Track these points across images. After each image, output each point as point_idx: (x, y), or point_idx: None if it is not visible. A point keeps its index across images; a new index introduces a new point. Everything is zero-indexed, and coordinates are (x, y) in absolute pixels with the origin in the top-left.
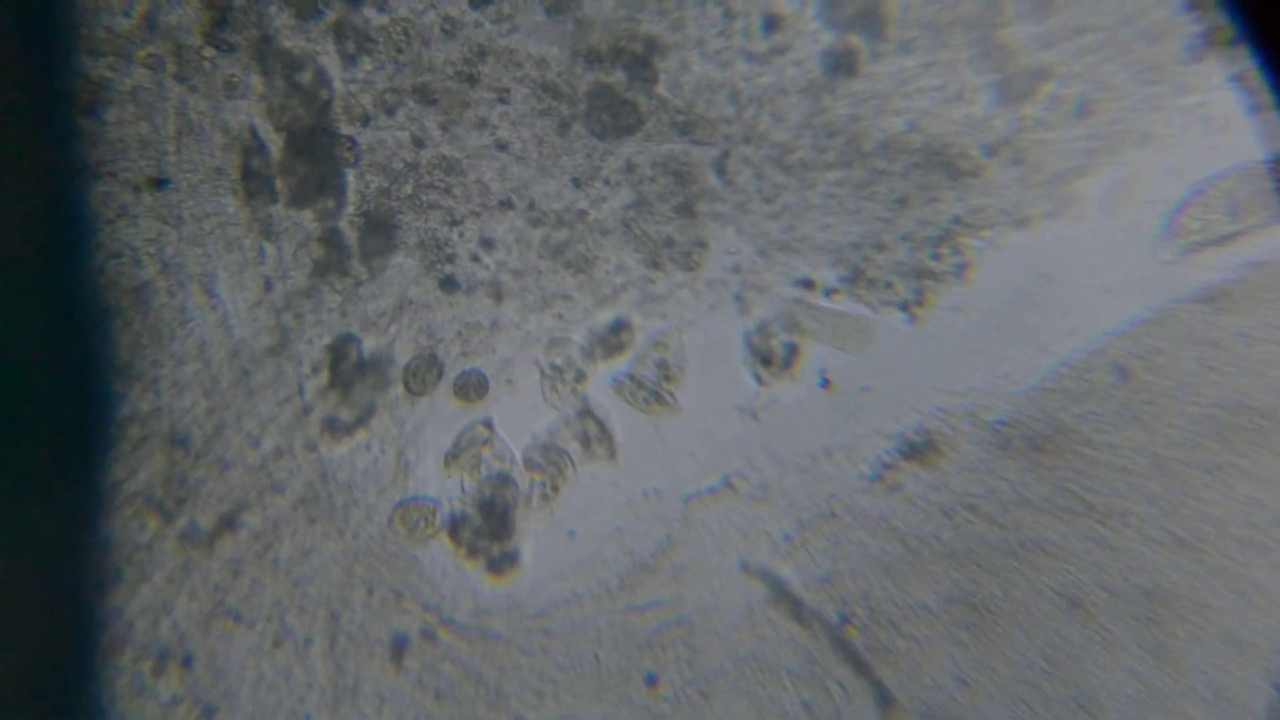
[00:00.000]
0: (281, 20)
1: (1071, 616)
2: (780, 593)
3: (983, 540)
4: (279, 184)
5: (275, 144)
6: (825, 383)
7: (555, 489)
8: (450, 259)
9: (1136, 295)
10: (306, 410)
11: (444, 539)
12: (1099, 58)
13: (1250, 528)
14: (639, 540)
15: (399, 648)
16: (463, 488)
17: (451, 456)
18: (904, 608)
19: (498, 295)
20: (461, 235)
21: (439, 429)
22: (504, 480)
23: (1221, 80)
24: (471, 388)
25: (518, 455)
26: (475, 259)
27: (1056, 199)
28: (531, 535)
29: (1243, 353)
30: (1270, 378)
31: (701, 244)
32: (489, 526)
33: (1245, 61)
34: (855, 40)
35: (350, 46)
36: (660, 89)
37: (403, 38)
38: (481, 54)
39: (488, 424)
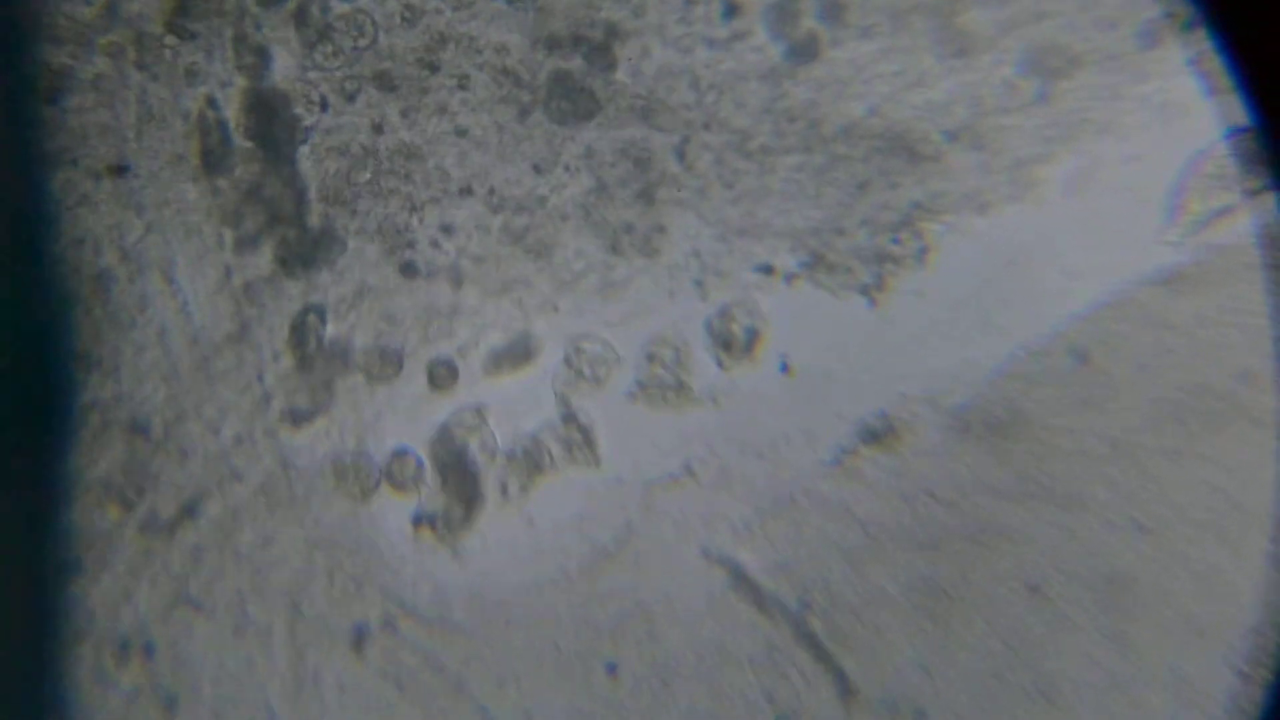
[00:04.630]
0: (243, 7)
1: (1031, 602)
2: (741, 580)
3: (943, 526)
4: (239, 171)
5: (236, 131)
6: (785, 367)
7: (531, 483)
8: (410, 245)
9: (1095, 279)
10: (267, 398)
11: (408, 528)
12: (1056, 42)
13: (1210, 512)
14: (599, 528)
15: (360, 636)
16: (418, 463)
17: (437, 443)
18: (864, 594)
19: (458, 281)
20: (421, 221)
21: (399, 416)
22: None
23: (1179, 66)
24: (442, 375)
25: (500, 447)
26: (435, 245)
27: (1017, 184)
28: (495, 524)
29: (1201, 336)
30: (1228, 361)
31: (661, 229)
32: (454, 485)
33: (1202, 44)
34: (815, 26)
35: (310, 33)
36: (620, 75)
37: (363, 24)
38: (442, 41)
39: (479, 411)
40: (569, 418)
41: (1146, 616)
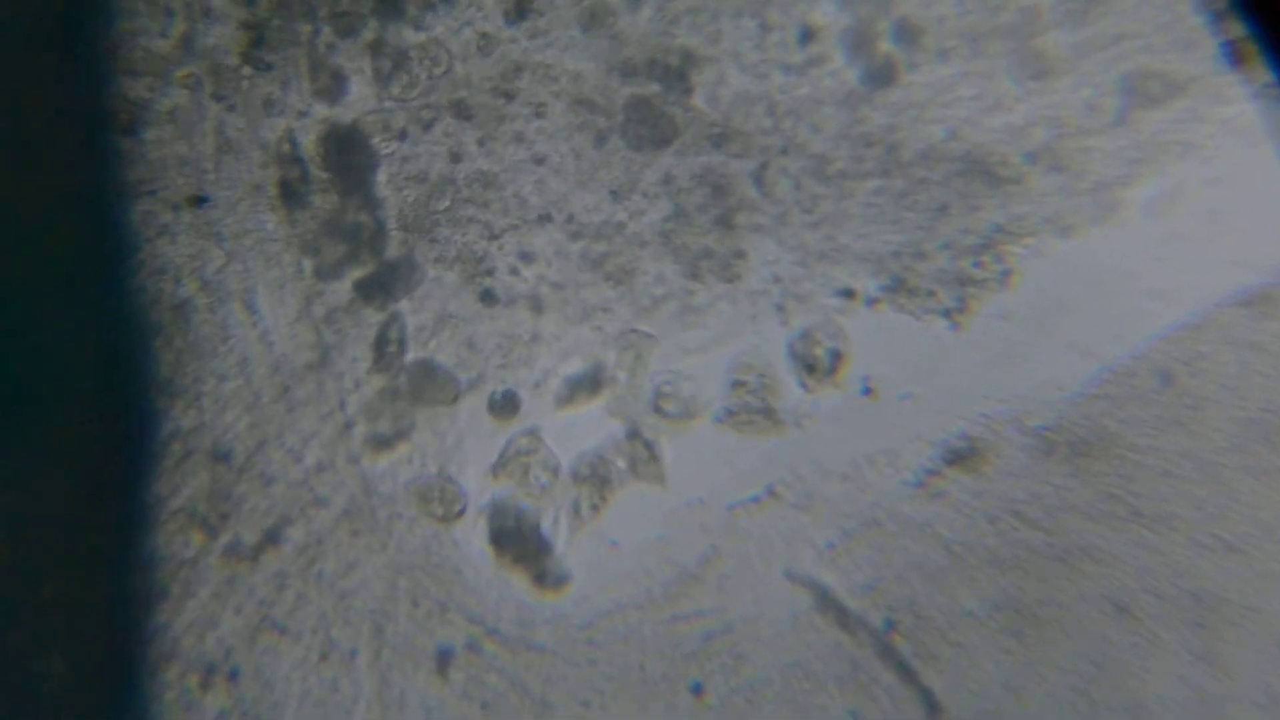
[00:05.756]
0: (320, 39)
1: (1119, 622)
2: (825, 600)
3: (1028, 546)
4: (317, 200)
5: (314, 160)
6: (868, 390)
7: (604, 499)
8: (489, 272)
9: (1179, 300)
10: (349, 425)
11: (487, 549)
12: (1137, 65)
13: None
14: (683, 550)
15: (444, 659)
16: (497, 497)
17: (498, 467)
18: (950, 614)
19: (538, 308)
20: (500, 249)
21: (480, 441)
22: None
23: (1259, 89)
24: (504, 404)
25: (564, 466)
26: (514, 272)
27: (1099, 206)
28: (575, 547)
29: None
30: None
31: (741, 255)
32: (523, 549)
33: (1267, 74)
34: (891, 50)
35: (386, 64)
36: (697, 101)
37: (438, 54)
38: (517, 69)
39: (534, 433)
40: (633, 434)
41: (1236, 635)
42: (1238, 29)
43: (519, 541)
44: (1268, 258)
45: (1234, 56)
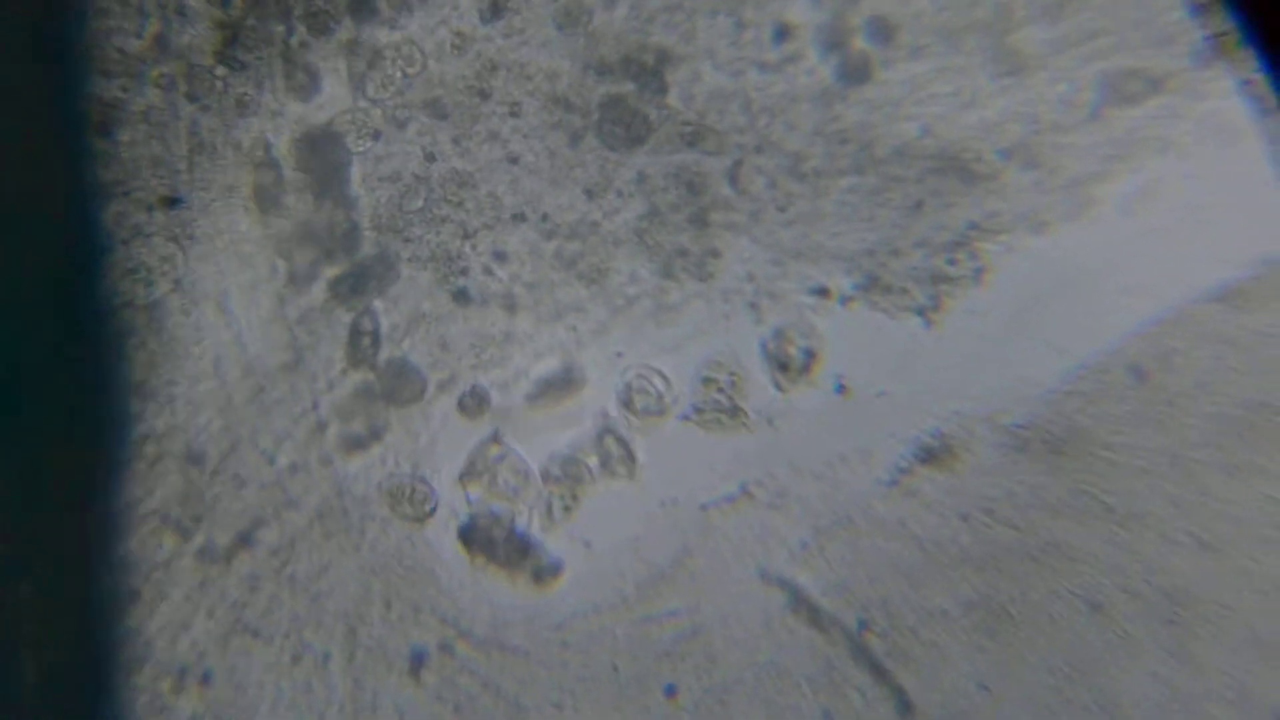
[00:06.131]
0: (294, 39)
1: (1092, 620)
2: (798, 600)
3: (1001, 544)
4: (291, 201)
5: (287, 161)
6: (841, 388)
7: (575, 498)
8: (463, 272)
9: (1154, 296)
10: (322, 426)
11: (459, 548)
12: (1111, 62)
13: (1272, 527)
14: (655, 550)
15: (417, 661)
16: (469, 499)
17: (467, 472)
18: (923, 613)
19: (511, 308)
20: (474, 248)
21: (453, 442)
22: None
23: (1235, 85)
24: (476, 404)
25: (536, 467)
26: (488, 272)
27: (1074, 203)
28: (551, 547)
29: (1260, 351)
30: None
31: (715, 253)
32: (507, 553)
33: (1251, 65)
34: (866, 47)
35: (361, 63)
36: (672, 100)
37: (412, 53)
38: (492, 68)
39: (505, 434)
40: (606, 431)
41: (1208, 632)
42: (1219, 22)
43: (490, 544)
44: (1243, 253)
45: (1215, 49)
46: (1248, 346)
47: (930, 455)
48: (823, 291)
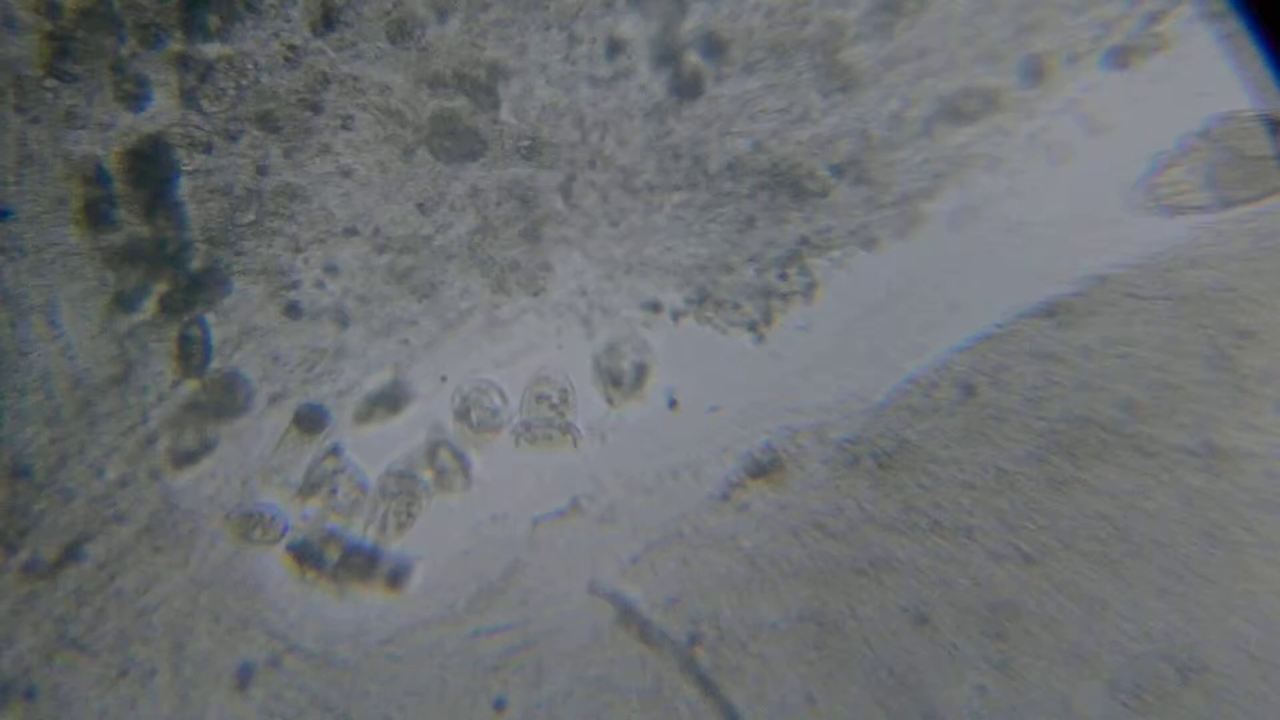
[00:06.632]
0: (124, 51)
1: (918, 632)
2: (628, 614)
3: (830, 558)
4: (121, 214)
5: (117, 174)
6: (673, 403)
7: (410, 513)
8: (295, 286)
9: (981, 312)
10: (151, 439)
11: (288, 563)
12: (941, 80)
13: (1094, 541)
14: (487, 563)
15: (245, 676)
16: (304, 514)
17: (305, 486)
18: (752, 627)
19: (343, 321)
20: (306, 262)
21: (284, 455)
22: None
23: (1062, 103)
24: (311, 419)
25: (370, 481)
26: (320, 285)
27: (903, 219)
28: (383, 561)
29: (1084, 366)
30: (1112, 391)
31: (547, 267)
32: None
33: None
34: (699, 62)
35: (192, 77)
36: (504, 114)
37: (245, 66)
38: (325, 81)
39: (337, 451)
40: (440, 445)
41: (1032, 645)
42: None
43: (320, 559)
44: (1068, 269)
45: (1044, 66)
46: (1073, 362)
47: (761, 470)
48: (655, 306)
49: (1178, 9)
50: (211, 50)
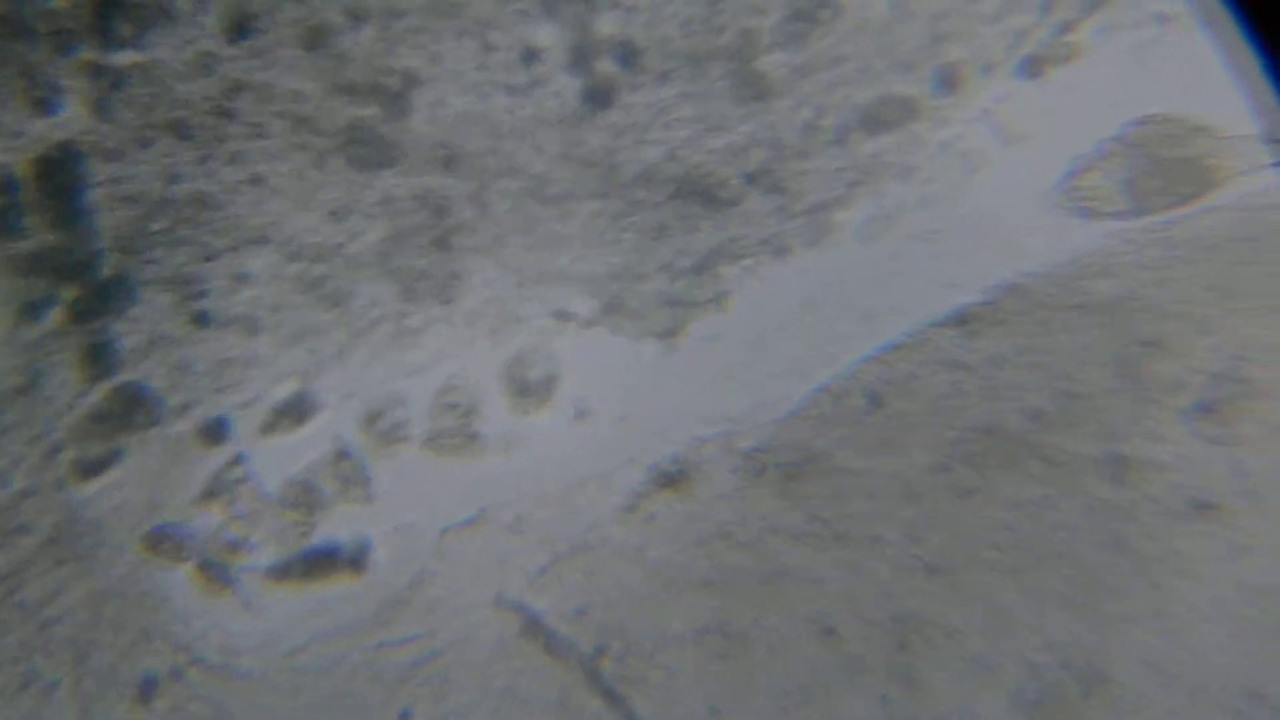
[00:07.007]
0: (35, 57)
1: (823, 644)
2: (534, 625)
3: (736, 569)
4: (26, 222)
5: (24, 182)
6: (581, 413)
7: (312, 523)
8: (204, 294)
9: (892, 321)
10: (56, 450)
11: (191, 574)
12: (855, 88)
13: (999, 551)
14: (392, 574)
15: (148, 688)
16: (205, 525)
17: (205, 494)
18: (658, 638)
19: (252, 331)
20: (216, 271)
21: (188, 465)
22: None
23: (977, 112)
24: (214, 429)
25: (273, 492)
26: (229, 294)
27: (814, 228)
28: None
29: (994, 376)
30: (1021, 401)
31: (457, 276)
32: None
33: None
34: (613, 71)
35: (103, 83)
36: (417, 122)
37: (157, 73)
38: (238, 89)
39: (242, 459)
40: (343, 455)
41: (936, 656)
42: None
43: (224, 570)
44: (979, 278)
45: (959, 74)
46: (982, 371)
47: (668, 480)
48: (564, 315)
49: (1090, 18)
50: (124, 58)
